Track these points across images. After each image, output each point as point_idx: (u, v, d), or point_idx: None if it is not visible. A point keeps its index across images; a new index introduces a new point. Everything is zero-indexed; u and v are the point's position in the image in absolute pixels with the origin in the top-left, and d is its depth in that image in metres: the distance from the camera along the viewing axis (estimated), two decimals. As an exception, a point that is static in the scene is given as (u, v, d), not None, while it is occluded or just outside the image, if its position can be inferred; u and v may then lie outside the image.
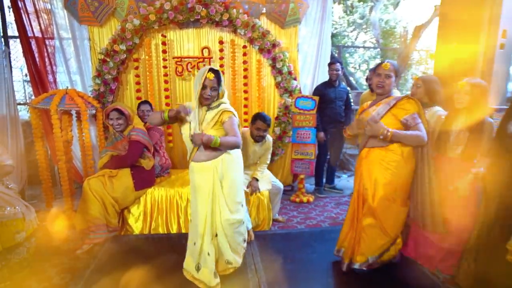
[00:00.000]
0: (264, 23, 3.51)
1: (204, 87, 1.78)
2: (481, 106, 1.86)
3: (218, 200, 1.89)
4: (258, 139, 2.64)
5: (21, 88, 6.09)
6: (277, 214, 2.94)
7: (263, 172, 2.78)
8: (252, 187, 2.64)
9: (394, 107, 1.85)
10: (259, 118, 2.58)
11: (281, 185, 2.88)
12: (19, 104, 3.67)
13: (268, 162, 2.85)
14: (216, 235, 1.92)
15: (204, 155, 1.86)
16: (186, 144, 1.92)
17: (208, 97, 1.80)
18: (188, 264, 1.94)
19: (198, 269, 1.87)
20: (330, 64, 3.47)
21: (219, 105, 1.86)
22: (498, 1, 2.46)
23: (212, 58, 3.48)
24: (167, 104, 3.49)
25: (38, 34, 3.26)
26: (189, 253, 1.95)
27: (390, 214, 1.91)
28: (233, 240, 1.94)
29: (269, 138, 2.82)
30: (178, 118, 1.87)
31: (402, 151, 1.83)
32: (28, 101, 5.60)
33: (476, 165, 1.83)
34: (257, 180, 2.69)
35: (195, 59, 3.46)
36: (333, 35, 6.68)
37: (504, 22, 2.49)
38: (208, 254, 1.85)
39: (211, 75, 1.76)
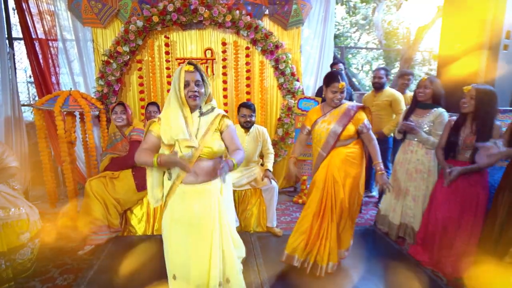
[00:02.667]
0: (267, 24, 3.52)
1: (186, 83, 1.40)
2: (487, 111, 1.88)
3: (228, 232, 1.46)
4: (247, 124, 2.69)
5: (25, 89, 6.14)
6: (274, 223, 2.67)
7: (272, 162, 2.77)
8: (269, 177, 2.62)
9: (354, 117, 1.95)
10: (241, 106, 2.71)
11: (275, 184, 2.68)
12: (23, 105, 3.69)
13: (272, 151, 2.83)
14: (228, 280, 1.45)
15: (205, 172, 1.42)
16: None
17: (195, 93, 1.39)
18: None
19: None
20: (333, 65, 3.47)
21: (212, 109, 1.51)
22: (501, 2, 2.45)
23: (215, 59, 3.49)
24: (170, 105, 3.50)
25: (41, 35, 3.29)
26: None
27: (356, 203, 2.02)
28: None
29: (261, 127, 2.84)
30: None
31: (359, 147, 2.02)
32: (32, 102, 5.64)
33: None
34: (270, 171, 2.69)
35: (198, 60, 3.47)
36: (336, 36, 6.68)
37: (507, 23, 2.48)
38: None
39: (190, 67, 1.41)
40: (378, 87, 3.23)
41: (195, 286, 1.39)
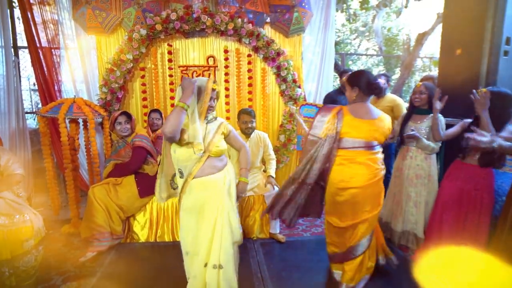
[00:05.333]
0: (268, 32, 3.56)
1: (210, 98, 1.69)
2: (501, 114, 1.88)
3: (227, 215, 1.66)
4: (248, 131, 2.72)
5: (28, 97, 6.20)
6: (277, 229, 2.68)
7: (274, 168, 2.79)
8: (272, 183, 2.64)
9: None
10: (242, 112, 2.76)
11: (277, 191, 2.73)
12: (27, 112, 3.72)
13: (274, 157, 2.85)
14: (221, 266, 1.62)
15: (211, 167, 1.67)
16: (183, 162, 1.64)
17: (212, 107, 1.73)
18: None
19: None
20: (342, 73, 3.49)
21: (215, 118, 1.79)
22: (501, 9, 2.48)
23: (217, 66, 3.53)
24: (172, 112, 3.53)
25: (45, 44, 3.33)
26: None
27: None
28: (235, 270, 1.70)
29: (262, 133, 2.86)
30: None
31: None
32: (34, 110, 5.68)
33: None
34: (272, 177, 2.71)
35: (200, 67, 3.51)
36: (336, 43, 6.74)
37: (507, 29, 2.51)
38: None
39: (216, 86, 1.73)
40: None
41: (201, 261, 1.64)
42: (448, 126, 2.28)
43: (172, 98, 3.51)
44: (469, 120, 2.10)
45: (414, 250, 2.36)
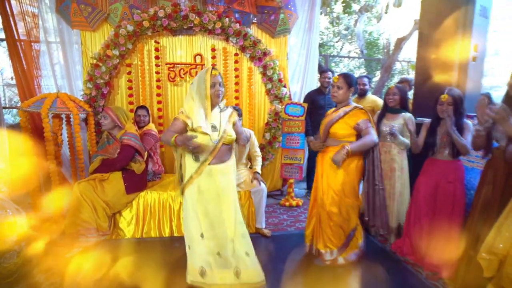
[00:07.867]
0: (255, 32, 3.64)
1: (213, 85, 1.79)
2: (461, 112, 2.10)
3: (235, 202, 1.87)
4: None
5: (1, 91, 5.92)
6: (263, 224, 2.76)
7: (260, 165, 2.88)
8: (258, 179, 2.72)
9: (346, 116, 2.12)
10: None
11: (264, 186, 2.75)
12: (4, 108, 3.58)
13: (260, 154, 2.95)
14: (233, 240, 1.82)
15: (225, 155, 1.84)
16: (203, 148, 1.77)
17: (220, 93, 1.81)
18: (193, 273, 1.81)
19: (203, 274, 1.77)
20: (322, 73, 3.62)
21: (226, 107, 1.92)
22: (469, 19, 2.69)
23: (204, 65, 3.56)
24: (159, 110, 3.52)
25: (23, 37, 3.23)
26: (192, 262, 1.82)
27: (342, 207, 2.13)
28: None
29: (248, 130, 2.93)
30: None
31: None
32: (8, 105, 5.45)
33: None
34: (258, 173, 2.79)
35: (187, 65, 3.52)
36: (320, 45, 6.91)
37: (475, 37, 2.72)
38: (247, 253, 1.83)
39: (216, 72, 1.80)
40: (361, 94, 3.41)
41: (219, 240, 1.78)
42: (418, 125, 2.44)
43: (158, 95, 3.50)
44: (429, 120, 2.29)
45: (391, 242, 2.51)
